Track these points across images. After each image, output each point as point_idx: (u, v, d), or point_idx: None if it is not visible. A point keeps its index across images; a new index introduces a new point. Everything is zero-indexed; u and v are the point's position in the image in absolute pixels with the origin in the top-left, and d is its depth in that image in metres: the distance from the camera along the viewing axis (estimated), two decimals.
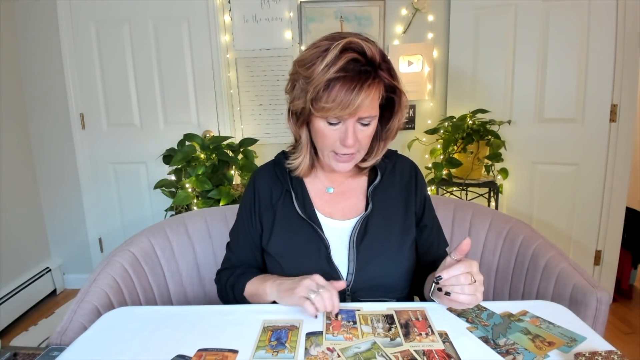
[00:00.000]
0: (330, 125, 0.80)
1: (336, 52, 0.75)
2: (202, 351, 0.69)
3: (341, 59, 0.74)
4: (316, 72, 0.76)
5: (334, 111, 0.76)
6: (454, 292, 0.74)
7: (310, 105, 0.78)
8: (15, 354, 0.95)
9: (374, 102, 0.79)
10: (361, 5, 2.33)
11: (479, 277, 0.75)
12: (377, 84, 0.77)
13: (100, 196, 2.54)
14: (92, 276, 1.06)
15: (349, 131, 0.79)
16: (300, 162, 0.91)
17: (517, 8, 2.15)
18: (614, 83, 2.02)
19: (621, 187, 2.09)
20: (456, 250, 0.75)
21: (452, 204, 1.40)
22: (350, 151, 0.83)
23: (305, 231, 0.90)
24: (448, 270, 0.74)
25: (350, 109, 0.75)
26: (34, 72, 2.40)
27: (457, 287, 0.74)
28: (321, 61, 0.76)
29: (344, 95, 0.74)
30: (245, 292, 0.91)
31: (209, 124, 2.43)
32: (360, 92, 0.74)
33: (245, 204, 0.98)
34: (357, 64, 0.76)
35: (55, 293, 2.57)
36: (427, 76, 2.39)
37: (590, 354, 0.63)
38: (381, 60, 0.78)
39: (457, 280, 0.73)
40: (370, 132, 0.83)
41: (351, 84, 0.74)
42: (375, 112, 0.81)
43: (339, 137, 0.81)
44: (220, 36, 2.34)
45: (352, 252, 0.88)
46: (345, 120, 0.79)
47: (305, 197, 0.93)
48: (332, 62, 0.75)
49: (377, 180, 0.94)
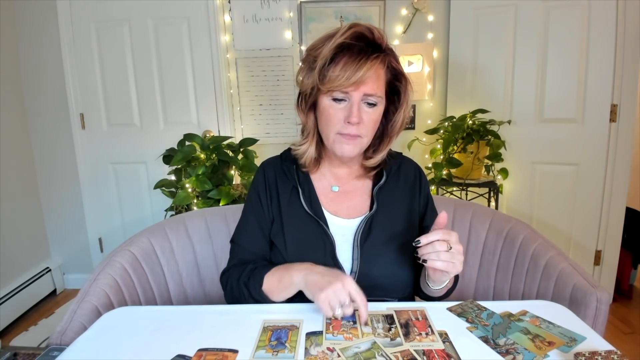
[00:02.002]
0: (335, 102, 0.82)
1: (344, 30, 0.80)
2: (202, 351, 0.69)
3: (347, 30, 0.80)
4: (325, 48, 0.81)
5: (340, 81, 0.78)
6: (430, 259, 0.74)
7: (317, 79, 0.81)
8: (15, 354, 0.95)
9: (379, 81, 0.82)
10: (361, 5, 2.33)
11: (457, 246, 0.75)
12: (382, 61, 0.81)
13: (100, 196, 2.54)
14: (92, 276, 1.06)
15: (354, 107, 0.81)
16: (306, 150, 0.91)
17: (517, 8, 2.15)
18: (614, 83, 2.02)
19: (621, 187, 2.09)
20: (435, 225, 0.77)
21: (452, 204, 1.40)
22: (354, 131, 0.83)
23: (311, 227, 0.90)
24: (426, 236, 0.75)
25: (355, 79, 0.78)
26: (34, 72, 2.40)
27: (433, 254, 0.74)
28: (329, 40, 0.81)
29: (349, 65, 0.78)
30: (264, 287, 0.85)
31: (209, 124, 2.43)
32: (365, 63, 0.78)
33: (255, 192, 0.97)
34: (364, 41, 0.80)
35: (55, 293, 2.57)
36: (427, 76, 2.39)
37: (590, 353, 0.63)
38: (387, 46, 0.84)
39: (432, 247, 0.74)
40: (376, 117, 0.85)
41: (357, 56, 0.78)
42: (380, 92, 0.83)
43: (344, 116, 0.82)
44: (220, 36, 2.34)
45: (356, 251, 0.89)
46: (351, 96, 0.81)
47: (312, 193, 0.94)
48: (339, 36, 0.80)
49: (382, 180, 0.95)
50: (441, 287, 0.87)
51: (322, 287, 0.74)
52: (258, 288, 0.85)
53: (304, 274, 0.80)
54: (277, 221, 0.93)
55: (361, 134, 0.84)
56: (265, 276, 0.86)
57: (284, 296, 0.84)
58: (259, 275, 0.86)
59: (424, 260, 0.75)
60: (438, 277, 0.82)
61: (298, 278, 0.80)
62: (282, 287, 0.83)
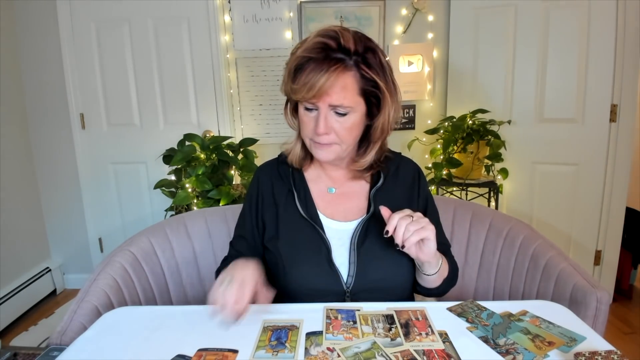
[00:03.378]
0: (307, 111, 0.82)
1: (312, 37, 0.79)
2: (202, 351, 0.69)
3: (310, 40, 0.79)
4: (294, 55, 0.81)
5: (302, 93, 0.78)
6: (406, 240, 0.75)
7: (288, 88, 0.82)
8: (15, 354, 0.95)
9: (347, 92, 0.78)
10: (361, 5, 2.33)
11: (415, 214, 0.78)
12: (348, 72, 0.78)
13: (100, 196, 2.54)
14: (92, 276, 1.06)
15: (319, 118, 0.80)
16: (292, 148, 0.93)
17: (517, 8, 2.15)
18: (614, 83, 2.02)
19: (621, 187, 2.09)
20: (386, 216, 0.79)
21: (452, 204, 1.40)
22: (323, 140, 0.82)
23: (306, 231, 0.90)
24: (389, 224, 0.76)
25: (314, 91, 0.76)
26: (34, 72, 2.40)
27: (406, 233, 0.75)
28: (300, 46, 0.81)
29: (310, 77, 0.76)
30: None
31: (209, 124, 2.43)
32: (324, 75, 0.76)
33: (249, 200, 0.98)
34: (330, 50, 0.77)
35: (55, 293, 2.57)
36: (427, 76, 2.39)
37: (590, 353, 0.63)
38: (361, 51, 0.79)
39: (400, 228, 0.75)
40: (349, 125, 0.82)
41: (320, 66, 0.76)
42: (348, 102, 0.79)
43: (315, 125, 0.82)
44: (220, 36, 2.34)
45: (352, 255, 0.88)
46: (318, 106, 0.80)
47: (307, 197, 0.93)
48: (305, 45, 0.79)
49: (379, 182, 0.94)
50: (436, 272, 0.86)
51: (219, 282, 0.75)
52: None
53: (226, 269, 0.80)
54: (272, 226, 0.93)
55: (332, 142, 0.83)
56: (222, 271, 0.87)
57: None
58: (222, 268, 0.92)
59: (402, 246, 0.76)
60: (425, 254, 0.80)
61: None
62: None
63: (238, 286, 0.73)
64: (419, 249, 0.79)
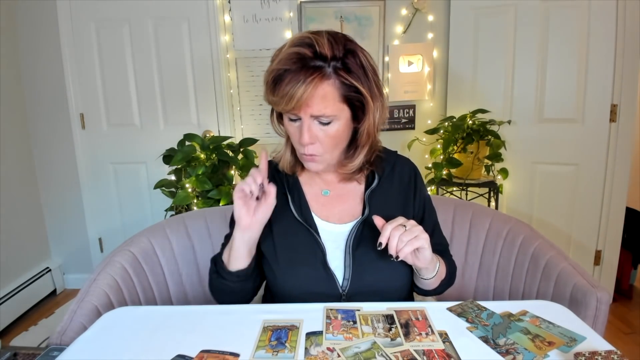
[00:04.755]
0: (291, 121, 0.81)
1: (286, 46, 0.77)
2: (205, 352, 0.69)
3: (286, 53, 0.75)
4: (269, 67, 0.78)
5: (281, 105, 0.76)
6: (400, 250, 0.75)
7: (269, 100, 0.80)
8: (15, 354, 0.95)
9: (327, 101, 0.76)
10: (361, 5, 2.33)
11: (408, 223, 0.78)
12: (325, 81, 0.75)
13: (100, 196, 2.54)
14: (92, 276, 1.06)
15: (302, 128, 0.78)
16: (281, 156, 0.93)
17: (517, 8, 2.15)
18: (614, 83, 2.02)
19: (621, 187, 2.09)
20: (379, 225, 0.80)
21: (452, 204, 1.40)
22: (310, 150, 0.81)
23: (301, 235, 0.89)
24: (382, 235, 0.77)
25: (293, 103, 0.74)
26: (34, 72, 2.40)
27: (399, 244, 0.75)
28: (276, 56, 0.78)
29: (288, 88, 0.74)
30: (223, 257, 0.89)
31: (209, 124, 2.43)
32: (302, 86, 0.73)
33: None
34: (306, 59, 0.74)
35: (55, 293, 2.57)
36: (427, 76, 2.39)
37: (590, 353, 0.63)
38: (340, 56, 0.76)
39: (393, 239, 0.75)
40: (334, 133, 0.80)
41: (297, 77, 0.73)
42: (331, 112, 0.77)
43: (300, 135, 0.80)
44: (220, 36, 2.34)
45: (348, 257, 0.87)
46: (300, 117, 0.78)
47: (302, 200, 0.92)
48: (280, 56, 0.77)
49: (374, 183, 0.92)
50: (434, 275, 0.86)
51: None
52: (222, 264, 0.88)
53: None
54: (266, 230, 0.91)
55: (318, 153, 0.82)
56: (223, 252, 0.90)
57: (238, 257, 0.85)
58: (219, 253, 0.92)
59: (396, 257, 0.76)
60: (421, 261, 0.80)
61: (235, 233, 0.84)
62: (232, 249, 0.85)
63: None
64: (415, 257, 0.79)
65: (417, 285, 0.93)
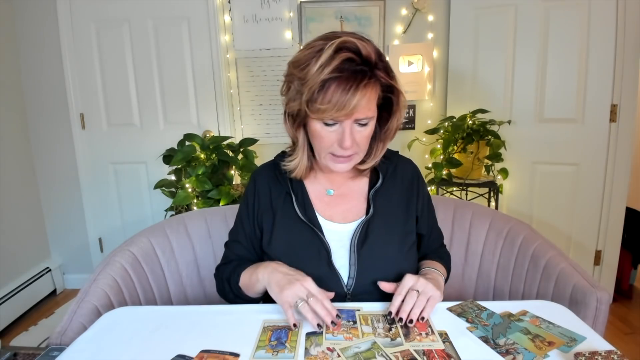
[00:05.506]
0: (326, 126, 0.79)
1: (330, 52, 0.73)
2: (205, 352, 0.69)
3: (335, 59, 0.73)
4: (310, 73, 0.74)
5: (330, 112, 0.74)
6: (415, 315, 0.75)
7: (305, 107, 0.77)
8: (15, 354, 0.95)
9: (371, 103, 0.78)
10: (361, 5, 2.33)
11: (418, 283, 0.79)
12: (373, 84, 0.76)
13: (100, 196, 2.54)
14: (92, 276, 1.06)
15: (345, 133, 0.78)
16: (297, 164, 0.89)
17: (517, 8, 2.15)
18: (614, 83, 2.02)
19: (621, 187, 2.09)
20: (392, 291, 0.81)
21: (452, 204, 1.40)
22: (347, 153, 0.81)
23: (305, 234, 0.89)
24: (392, 304, 0.77)
25: (346, 110, 0.74)
26: (34, 72, 2.40)
27: (415, 310, 0.76)
28: (315, 62, 0.74)
29: (339, 96, 0.73)
30: (240, 283, 0.89)
31: (209, 124, 2.43)
32: (355, 93, 0.73)
33: (245, 205, 0.97)
34: (352, 63, 0.74)
35: (55, 293, 2.57)
36: (427, 76, 2.39)
37: (590, 353, 0.63)
38: (377, 59, 0.77)
39: (407, 306, 0.76)
40: (369, 133, 0.82)
41: (346, 84, 0.73)
42: (372, 113, 0.79)
43: (336, 139, 0.80)
44: (220, 36, 2.34)
45: (352, 256, 0.87)
46: (342, 121, 0.78)
47: (305, 199, 0.92)
48: (326, 63, 0.73)
49: (378, 183, 0.93)
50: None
51: (282, 287, 0.77)
52: (236, 284, 0.89)
53: (269, 271, 0.82)
54: (269, 230, 0.92)
55: (354, 152, 0.83)
56: (242, 272, 0.89)
57: (256, 292, 0.87)
58: (238, 271, 0.90)
59: (410, 321, 0.75)
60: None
61: (263, 276, 0.82)
62: (252, 284, 0.86)
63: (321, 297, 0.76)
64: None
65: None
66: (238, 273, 0.90)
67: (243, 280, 0.89)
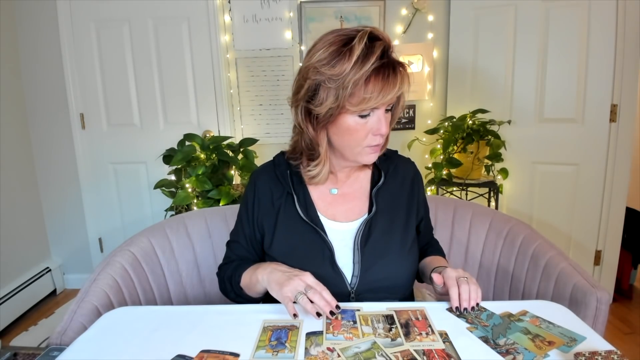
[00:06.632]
0: (361, 118, 0.80)
1: (365, 43, 0.75)
2: (205, 352, 0.69)
3: (376, 47, 0.76)
4: (347, 68, 0.74)
5: (375, 100, 0.76)
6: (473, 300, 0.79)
7: (344, 102, 0.77)
8: (15, 354, 0.95)
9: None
10: (361, 5, 2.33)
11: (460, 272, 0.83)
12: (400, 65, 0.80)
13: (100, 196, 2.54)
14: (92, 276, 1.06)
15: (382, 119, 0.81)
16: (321, 170, 0.88)
17: (517, 8, 2.15)
18: (614, 83, 2.02)
19: (621, 187, 2.09)
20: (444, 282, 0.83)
21: (452, 204, 1.40)
22: (382, 140, 0.84)
23: (308, 235, 0.89)
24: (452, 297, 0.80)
25: (392, 94, 0.77)
26: (34, 72, 2.40)
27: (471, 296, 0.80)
28: (349, 56, 0.75)
29: (382, 84, 0.76)
30: (241, 283, 0.90)
31: (209, 124, 2.43)
32: (396, 76, 0.77)
33: (245, 207, 0.97)
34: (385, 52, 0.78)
35: (55, 293, 2.57)
36: (427, 76, 2.39)
37: (590, 353, 0.63)
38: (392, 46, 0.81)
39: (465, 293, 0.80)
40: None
41: (386, 69, 0.76)
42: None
43: (370, 129, 0.81)
44: (220, 36, 2.34)
45: (356, 254, 0.88)
46: (378, 108, 0.80)
47: (307, 199, 0.92)
48: (364, 54, 0.75)
49: (380, 181, 0.94)
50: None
51: (281, 284, 0.78)
52: (237, 284, 0.90)
53: (268, 272, 0.83)
54: (271, 232, 0.92)
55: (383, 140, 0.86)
56: (243, 273, 0.90)
57: (257, 292, 0.88)
58: (239, 271, 0.91)
59: (464, 309, 0.79)
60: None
61: (262, 276, 0.83)
62: (252, 284, 0.87)
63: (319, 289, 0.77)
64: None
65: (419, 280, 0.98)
66: (239, 273, 0.90)
67: (244, 281, 0.90)
